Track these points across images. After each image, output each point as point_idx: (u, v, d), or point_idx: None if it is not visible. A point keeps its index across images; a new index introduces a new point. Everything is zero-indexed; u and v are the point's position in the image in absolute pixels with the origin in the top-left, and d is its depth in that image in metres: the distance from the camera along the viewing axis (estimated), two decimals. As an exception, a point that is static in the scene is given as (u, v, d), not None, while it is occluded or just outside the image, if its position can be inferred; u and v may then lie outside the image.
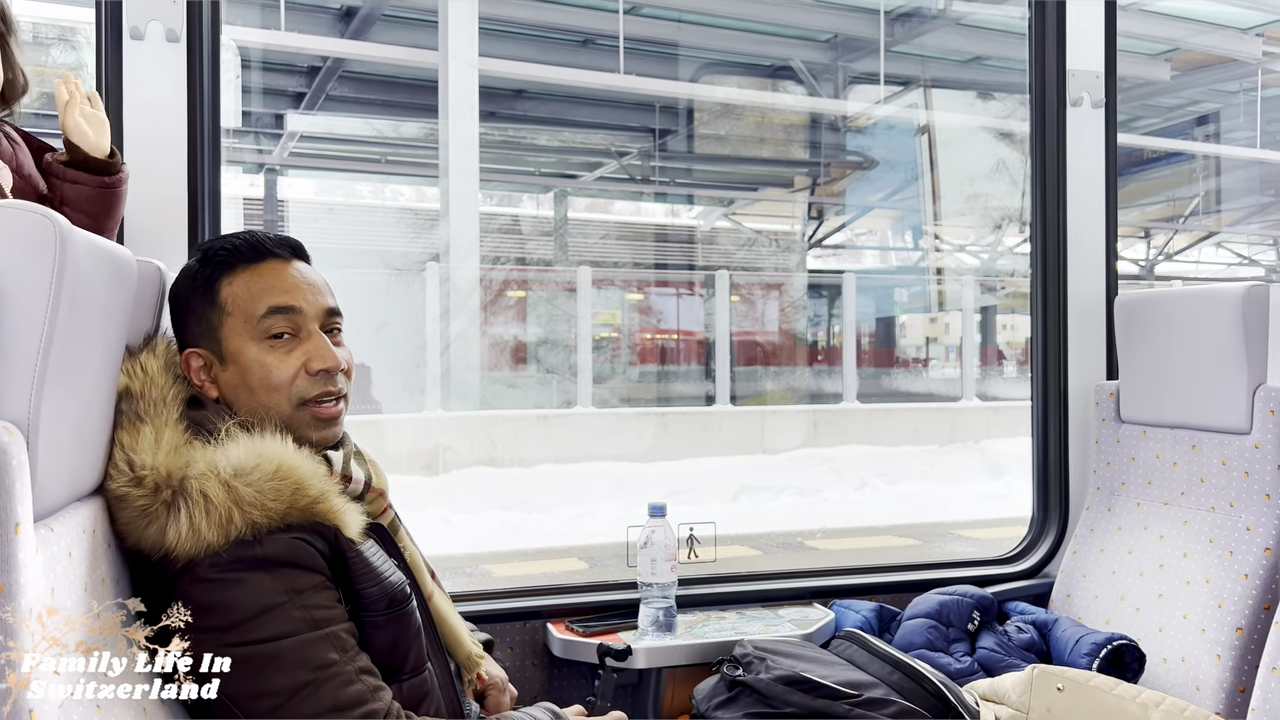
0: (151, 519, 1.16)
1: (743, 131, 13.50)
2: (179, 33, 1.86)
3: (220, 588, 1.15)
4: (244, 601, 1.15)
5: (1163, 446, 2.11)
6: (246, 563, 1.16)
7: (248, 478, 1.18)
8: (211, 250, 1.37)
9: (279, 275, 1.35)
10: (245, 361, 1.31)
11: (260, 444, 1.23)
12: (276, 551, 1.18)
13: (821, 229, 15.12)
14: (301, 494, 1.21)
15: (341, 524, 1.24)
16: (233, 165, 11.04)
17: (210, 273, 1.34)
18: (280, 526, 1.19)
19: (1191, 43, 12.43)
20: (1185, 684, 1.90)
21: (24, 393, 0.92)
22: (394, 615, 1.28)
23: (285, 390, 1.31)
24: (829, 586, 2.28)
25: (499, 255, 12.45)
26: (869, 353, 14.41)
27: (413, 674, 1.31)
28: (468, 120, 10.32)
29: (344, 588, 1.25)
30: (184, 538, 1.14)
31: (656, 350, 13.24)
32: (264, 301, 1.32)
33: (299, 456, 1.24)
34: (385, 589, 1.27)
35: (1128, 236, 16.16)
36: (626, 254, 13.92)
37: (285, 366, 1.31)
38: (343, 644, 1.19)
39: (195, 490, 1.16)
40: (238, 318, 1.32)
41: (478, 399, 10.63)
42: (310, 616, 1.17)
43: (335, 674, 1.17)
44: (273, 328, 1.32)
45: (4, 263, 0.91)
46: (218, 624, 1.14)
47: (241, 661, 1.13)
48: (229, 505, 1.16)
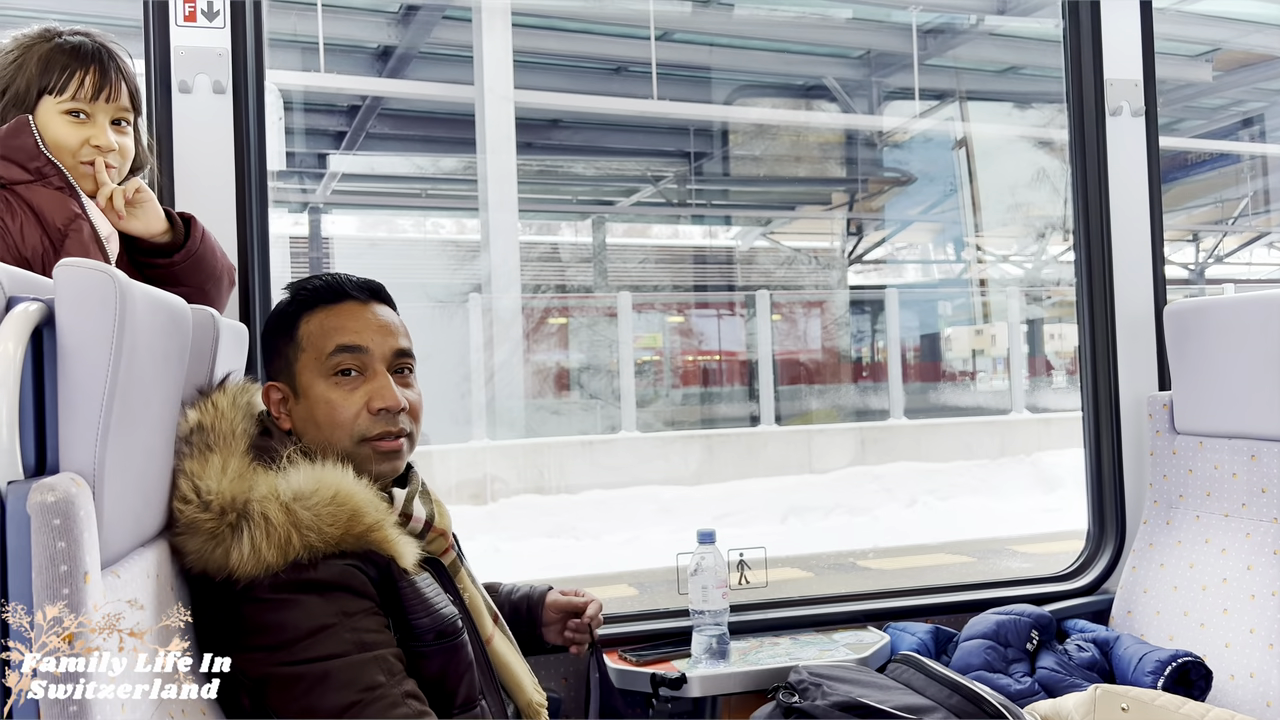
0: (218, 541, 1.20)
1: (778, 151, 13.50)
2: (225, 84, 1.92)
3: (275, 608, 1.20)
4: (297, 622, 1.20)
5: (1220, 457, 2.07)
6: (301, 585, 1.21)
7: (306, 501, 1.23)
8: (297, 290, 1.45)
9: (353, 316, 1.41)
10: (314, 396, 1.38)
11: (320, 471, 1.27)
12: (330, 576, 1.22)
13: (861, 244, 15.04)
14: (357, 521, 1.25)
15: (395, 554, 1.28)
16: (278, 206, 11.27)
17: (293, 311, 1.42)
18: (335, 552, 1.23)
19: (1233, 43, 12.22)
20: (1255, 700, 1.85)
21: (89, 445, 0.95)
22: (443, 646, 1.30)
23: (348, 427, 1.37)
24: (883, 609, 2.26)
25: (539, 283, 12.54)
26: (914, 367, 14.27)
27: (464, 709, 1.32)
28: (505, 152, 10.44)
29: (394, 616, 1.28)
30: (245, 559, 1.19)
31: (699, 372, 13.23)
32: (333, 340, 1.39)
33: (357, 485, 1.28)
34: (436, 620, 1.30)
35: (1176, 240, 15.89)
36: (666, 277, 13.94)
37: (349, 404, 1.37)
38: (390, 668, 1.22)
39: (257, 513, 1.21)
40: (310, 354, 1.39)
41: (523, 427, 10.68)
42: (360, 639, 1.21)
43: (381, 695, 1.19)
44: (340, 365, 1.38)
45: (68, 320, 0.94)
46: (271, 642, 1.19)
47: (294, 680, 1.18)
48: (288, 527, 1.21)
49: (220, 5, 1.92)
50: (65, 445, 0.94)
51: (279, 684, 1.19)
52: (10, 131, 1.48)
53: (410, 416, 1.42)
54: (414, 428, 1.43)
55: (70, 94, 1.51)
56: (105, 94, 1.53)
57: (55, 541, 0.86)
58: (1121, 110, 2.36)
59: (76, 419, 0.94)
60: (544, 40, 11.12)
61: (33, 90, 1.50)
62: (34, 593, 0.86)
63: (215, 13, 1.92)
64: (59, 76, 1.51)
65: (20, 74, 1.50)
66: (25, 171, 1.48)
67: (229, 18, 1.93)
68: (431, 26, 10.61)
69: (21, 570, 0.86)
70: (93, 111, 1.53)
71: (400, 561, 1.28)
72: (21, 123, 1.49)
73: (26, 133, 1.48)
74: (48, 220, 1.47)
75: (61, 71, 1.51)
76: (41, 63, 1.51)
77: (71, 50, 1.52)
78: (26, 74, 1.50)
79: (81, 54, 1.52)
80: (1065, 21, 2.43)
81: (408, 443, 1.42)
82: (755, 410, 11.79)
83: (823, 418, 12.18)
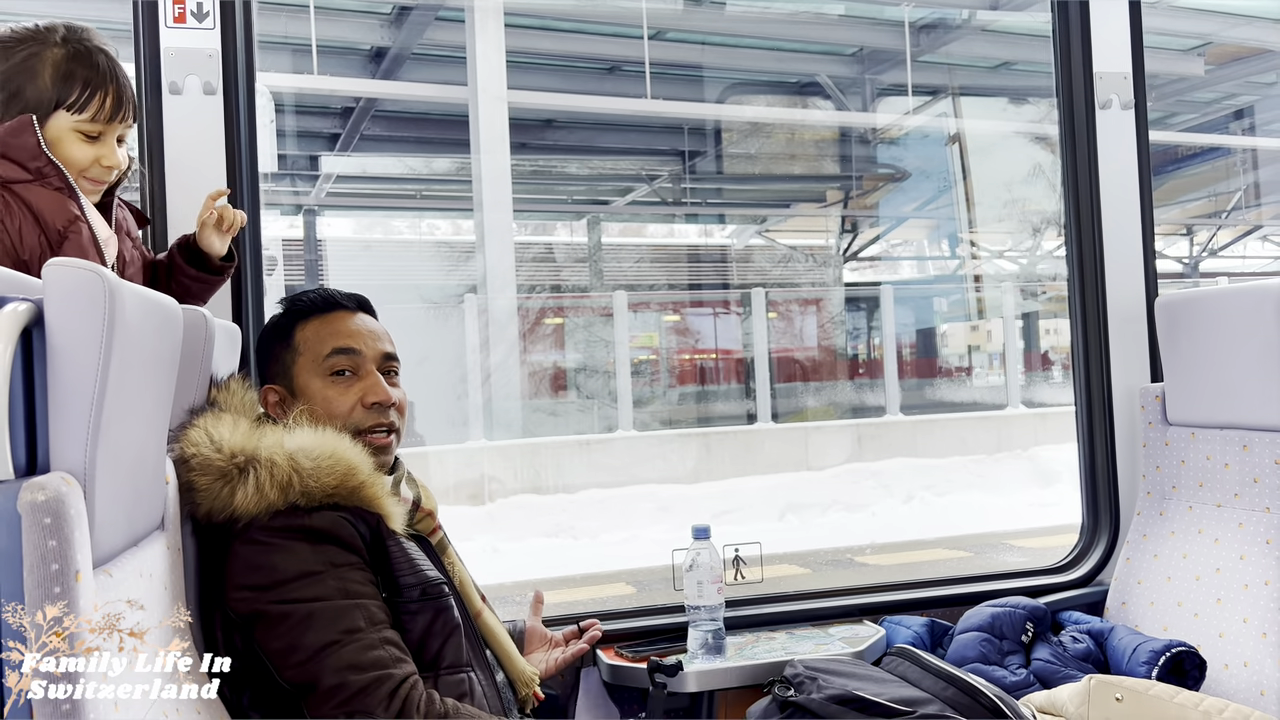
0: (227, 480, 1.31)
1: (772, 149, 13.51)
2: (215, 85, 1.92)
3: (267, 551, 1.31)
4: (286, 565, 1.30)
5: (1213, 448, 2.07)
6: (293, 531, 1.32)
7: (309, 453, 1.36)
8: (292, 302, 1.59)
9: (344, 323, 1.56)
10: (311, 394, 1.51)
11: (322, 434, 1.41)
12: (322, 524, 1.33)
13: (856, 242, 15.05)
14: (352, 476, 1.37)
15: (385, 512, 1.40)
16: (271, 208, 11.25)
17: (288, 320, 1.57)
18: (330, 503, 1.35)
19: (1224, 36, 12.24)
20: (1249, 689, 1.86)
21: (80, 443, 0.95)
22: (427, 604, 1.39)
23: (344, 419, 1.49)
24: (879, 603, 2.26)
25: (535, 284, 12.54)
26: (911, 364, 14.29)
27: (450, 671, 1.38)
28: (499, 153, 10.44)
29: (382, 574, 1.38)
30: (249, 498, 1.31)
31: (695, 371, 13.23)
32: (330, 343, 1.53)
33: (354, 449, 1.41)
34: (421, 579, 1.40)
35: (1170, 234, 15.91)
36: (661, 276, 13.95)
37: (345, 399, 1.51)
38: (372, 616, 1.31)
39: (264, 459, 1.34)
40: (307, 356, 1.53)
41: (520, 428, 10.68)
42: (344, 588, 1.31)
43: (359, 639, 1.28)
44: (335, 365, 1.52)
45: (57, 319, 0.94)
46: (261, 582, 1.30)
47: (280, 618, 1.28)
48: (290, 471, 1.33)
49: (210, 6, 1.92)
50: (56, 445, 0.94)
51: (266, 621, 1.28)
52: (11, 130, 1.46)
53: (398, 412, 1.55)
54: (400, 423, 1.56)
55: (90, 115, 1.50)
56: (120, 114, 1.53)
57: (46, 540, 0.86)
58: (1111, 103, 2.37)
59: (67, 418, 0.94)
60: (537, 40, 11.12)
61: (47, 102, 1.48)
62: (25, 592, 0.86)
63: (205, 14, 1.92)
64: (80, 94, 1.49)
65: (32, 80, 1.47)
66: (25, 171, 1.46)
67: (219, 19, 1.92)
68: (424, 27, 10.60)
69: (12, 570, 0.86)
70: (105, 131, 1.52)
71: (389, 522, 1.39)
72: (24, 122, 1.46)
73: (29, 132, 1.46)
74: (46, 221, 1.46)
75: (84, 89, 1.49)
76: (58, 73, 1.48)
77: (90, 64, 1.50)
78: (40, 82, 1.47)
79: (99, 70, 1.50)
80: (1054, 15, 2.43)
81: (395, 437, 1.55)
82: (752, 408, 11.80)
83: (819, 415, 12.19)
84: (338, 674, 1.25)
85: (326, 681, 1.25)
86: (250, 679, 1.29)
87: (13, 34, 1.51)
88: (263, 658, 1.28)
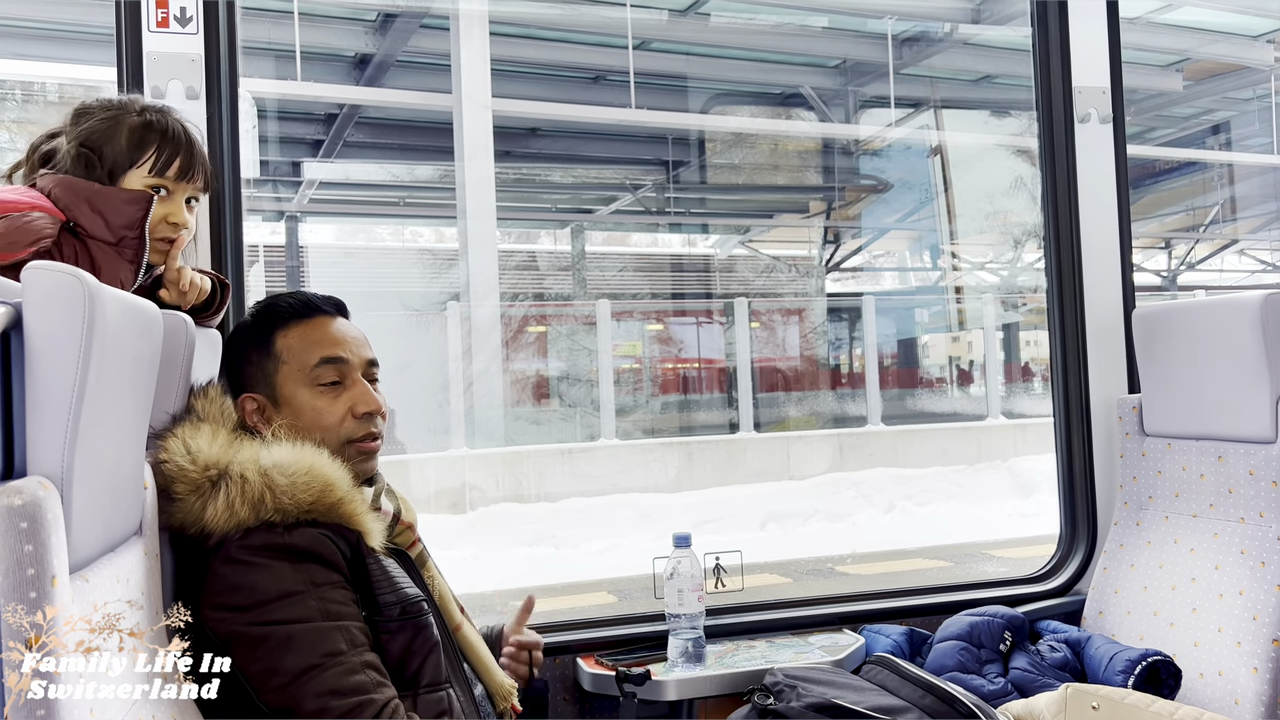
0: (199, 494, 1.29)
1: (756, 160, 13.56)
2: (198, 90, 1.92)
3: (246, 570, 1.27)
4: (266, 585, 1.27)
5: (1188, 459, 2.10)
6: (273, 550, 1.28)
7: (284, 470, 1.32)
8: (267, 306, 1.53)
9: (328, 329, 1.51)
10: (298, 405, 1.46)
11: (300, 449, 1.37)
12: (302, 542, 1.30)
13: (839, 252, 15.12)
14: (330, 492, 1.34)
15: (364, 529, 1.36)
16: (253, 214, 11.20)
17: (266, 326, 1.50)
18: (307, 520, 1.32)
19: (1202, 52, 12.40)
20: (1223, 698, 1.88)
21: (57, 447, 0.95)
22: (407, 623, 1.36)
23: (335, 430, 1.46)
24: (858, 612, 2.27)
25: (518, 292, 12.53)
26: (892, 374, 14.34)
27: (429, 690, 1.36)
28: (483, 160, 10.43)
29: (362, 592, 1.34)
30: (219, 514, 1.28)
31: (678, 380, 13.24)
32: (317, 353, 1.48)
33: (332, 465, 1.37)
34: (401, 597, 1.37)
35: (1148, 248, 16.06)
36: (644, 285, 13.97)
37: (334, 410, 1.47)
38: (352, 638, 1.28)
39: (236, 474, 1.30)
40: (292, 365, 1.48)
41: (502, 436, 10.65)
42: (325, 609, 1.28)
43: (341, 662, 1.25)
44: (323, 376, 1.48)
45: (36, 322, 0.94)
46: (240, 603, 1.26)
47: (259, 640, 1.25)
48: (263, 488, 1.30)
49: (193, 11, 1.92)
50: (33, 448, 0.94)
51: (245, 643, 1.25)
52: (126, 197, 1.50)
53: (383, 419, 1.52)
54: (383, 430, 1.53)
55: (159, 170, 1.54)
56: (190, 175, 1.57)
57: (22, 545, 0.86)
58: (1090, 117, 2.40)
59: (44, 422, 0.94)
60: (522, 49, 11.12)
61: (123, 163, 1.52)
62: (1, 596, 0.85)
63: (188, 18, 1.92)
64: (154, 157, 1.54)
65: (110, 141, 1.52)
66: (108, 231, 1.49)
67: (202, 23, 1.92)
68: (409, 35, 10.59)
69: (-12, 574, 0.86)
70: (174, 190, 1.56)
71: (368, 539, 1.36)
72: (143, 197, 1.51)
73: (141, 206, 1.50)
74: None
75: (158, 151, 1.54)
76: (134, 137, 1.53)
77: (164, 130, 1.55)
78: (117, 143, 1.52)
79: (172, 134, 1.56)
80: (1035, 30, 2.46)
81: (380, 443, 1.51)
82: (734, 417, 11.82)
83: (801, 424, 12.22)
84: (319, 699, 1.23)
85: (308, 706, 1.23)
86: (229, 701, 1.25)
87: (98, 102, 1.57)
88: (242, 680, 1.25)
